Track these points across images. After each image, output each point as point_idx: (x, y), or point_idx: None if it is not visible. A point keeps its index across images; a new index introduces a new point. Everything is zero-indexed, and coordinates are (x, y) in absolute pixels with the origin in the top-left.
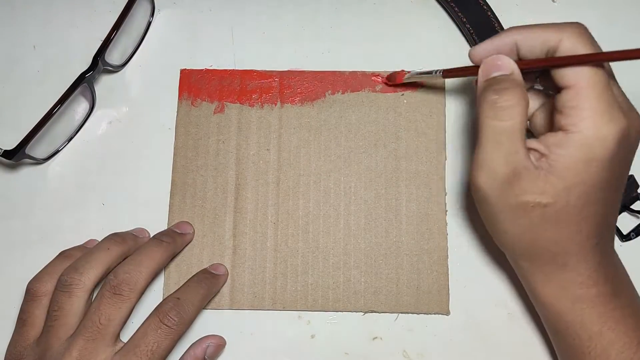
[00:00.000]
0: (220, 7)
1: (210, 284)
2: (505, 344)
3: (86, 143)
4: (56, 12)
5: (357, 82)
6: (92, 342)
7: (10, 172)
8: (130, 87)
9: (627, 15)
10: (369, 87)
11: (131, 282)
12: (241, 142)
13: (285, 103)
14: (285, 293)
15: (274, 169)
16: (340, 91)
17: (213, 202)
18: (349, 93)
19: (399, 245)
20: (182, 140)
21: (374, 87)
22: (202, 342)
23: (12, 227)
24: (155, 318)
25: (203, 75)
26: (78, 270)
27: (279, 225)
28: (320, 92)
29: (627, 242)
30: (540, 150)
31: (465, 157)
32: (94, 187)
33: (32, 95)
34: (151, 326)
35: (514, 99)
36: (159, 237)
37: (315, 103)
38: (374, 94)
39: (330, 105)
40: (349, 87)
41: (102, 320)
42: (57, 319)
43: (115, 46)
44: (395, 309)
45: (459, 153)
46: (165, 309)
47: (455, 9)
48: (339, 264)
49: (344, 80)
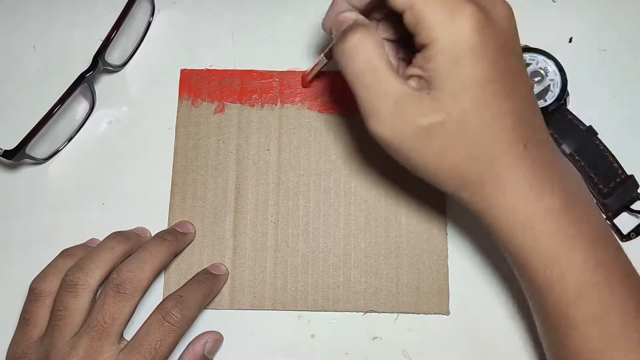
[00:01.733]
0: (220, 7)
1: (211, 284)
2: (505, 344)
3: (86, 143)
4: (56, 12)
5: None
6: (97, 340)
7: (10, 172)
8: (130, 87)
9: (627, 15)
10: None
11: (134, 280)
12: (241, 142)
13: (285, 103)
14: (285, 293)
15: (274, 169)
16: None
17: (213, 202)
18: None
19: (399, 245)
20: (183, 140)
21: None
22: (200, 338)
23: (12, 227)
24: (157, 316)
25: (203, 75)
26: (83, 270)
27: (279, 225)
28: (320, 92)
29: (627, 242)
30: (416, 74)
31: None
32: (94, 187)
33: (32, 95)
34: (154, 324)
35: (356, 37)
36: (162, 236)
37: (315, 103)
38: None
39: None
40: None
41: (107, 319)
42: (62, 318)
43: (115, 46)
44: (395, 309)
45: None
46: (167, 306)
47: None
48: (339, 263)
49: (343, 80)
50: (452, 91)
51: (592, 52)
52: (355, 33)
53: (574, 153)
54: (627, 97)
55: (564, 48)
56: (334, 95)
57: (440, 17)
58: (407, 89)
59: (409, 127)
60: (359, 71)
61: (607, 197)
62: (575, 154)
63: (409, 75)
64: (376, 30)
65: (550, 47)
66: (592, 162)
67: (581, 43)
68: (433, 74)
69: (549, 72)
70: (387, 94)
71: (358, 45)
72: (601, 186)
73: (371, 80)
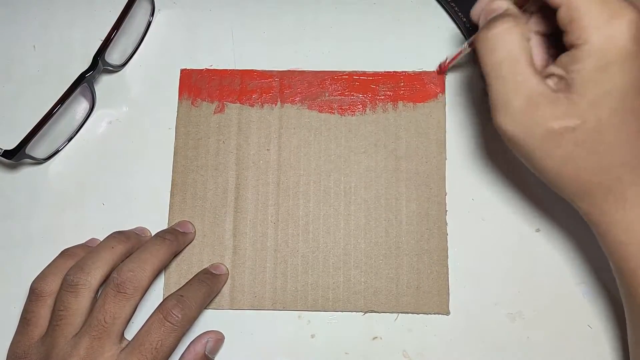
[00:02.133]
0: (220, 7)
1: (212, 284)
2: (505, 344)
3: (86, 143)
4: (56, 12)
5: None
6: (98, 340)
7: (10, 172)
8: (130, 87)
9: None
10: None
11: (135, 280)
12: (241, 142)
13: (285, 103)
14: (285, 293)
15: (274, 169)
16: (339, 91)
17: (213, 202)
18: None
19: (399, 245)
20: (183, 140)
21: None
22: (201, 338)
23: (12, 227)
24: (158, 315)
25: (203, 75)
26: (84, 270)
27: (279, 225)
28: (320, 92)
29: None
30: (557, 73)
31: (466, 157)
32: (94, 187)
33: (32, 95)
34: (155, 324)
35: (502, 27)
36: (162, 235)
37: (315, 103)
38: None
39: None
40: (349, 87)
41: (107, 318)
42: (63, 318)
43: (115, 46)
44: (395, 309)
45: (459, 153)
46: (168, 306)
47: (455, 8)
48: (339, 263)
49: (343, 80)
50: (592, 98)
51: None
52: (502, 23)
53: None
54: None
55: None
56: (335, 94)
57: (597, 18)
58: (543, 87)
59: (538, 127)
60: (498, 62)
61: None
62: None
63: (549, 74)
64: (526, 24)
65: None
66: None
67: None
68: (576, 77)
69: None
70: (522, 89)
71: (503, 35)
72: None
73: (508, 73)
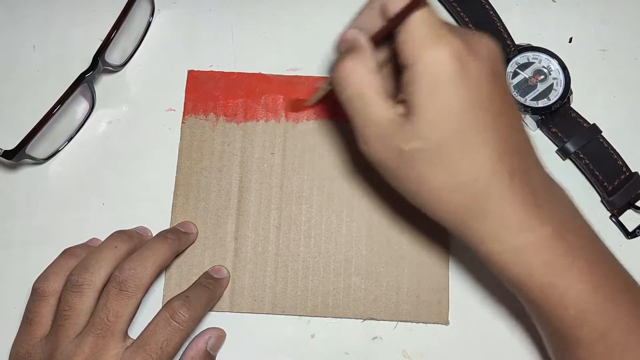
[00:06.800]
0: (220, 7)
1: (214, 289)
2: (505, 347)
3: (86, 143)
4: (56, 12)
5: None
6: (102, 338)
7: (10, 172)
8: (130, 87)
9: (627, 15)
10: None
11: (136, 278)
12: (246, 145)
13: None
14: (285, 297)
15: (278, 173)
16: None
17: (216, 204)
18: None
19: (400, 254)
20: (187, 142)
21: None
22: (203, 335)
23: (12, 227)
24: (165, 315)
25: (209, 77)
26: (88, 270)
27: (281, 229)
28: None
29: (632, 240)
30: (402, 98)
31: None
32: (94, 187)
33: (32, 95)
34: (160, 323)
35: (348, 64)
36: (164, 234)
37: (321, 108)
38: None
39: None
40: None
41: (110, 317)
42: (67, 318)
43: (115, 46)
44: (395, 317)
45: None
46: (175, 305)
47: (457, 8)
48: (340, 270)
49: None
50: (430, 118)
51: (592, 52)
52: (346, 60)
53: (579, 151)
54: (628, 97)
55: (564, 48)
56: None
57: (426, 40)
58: (392, 114)
59: (392, 151)
60: (348, 97)
61: (612, 194)
62: (579, 152)
63: (400, 100)
64: (371, 56)
65: (551, 47)
66: (597, 160)
67: (581, 43)
68: (413, 98)
69: (552, 70)
70: (373, 118)
71: (348, 73)
72: (606, 184)
73: (358, 106)
